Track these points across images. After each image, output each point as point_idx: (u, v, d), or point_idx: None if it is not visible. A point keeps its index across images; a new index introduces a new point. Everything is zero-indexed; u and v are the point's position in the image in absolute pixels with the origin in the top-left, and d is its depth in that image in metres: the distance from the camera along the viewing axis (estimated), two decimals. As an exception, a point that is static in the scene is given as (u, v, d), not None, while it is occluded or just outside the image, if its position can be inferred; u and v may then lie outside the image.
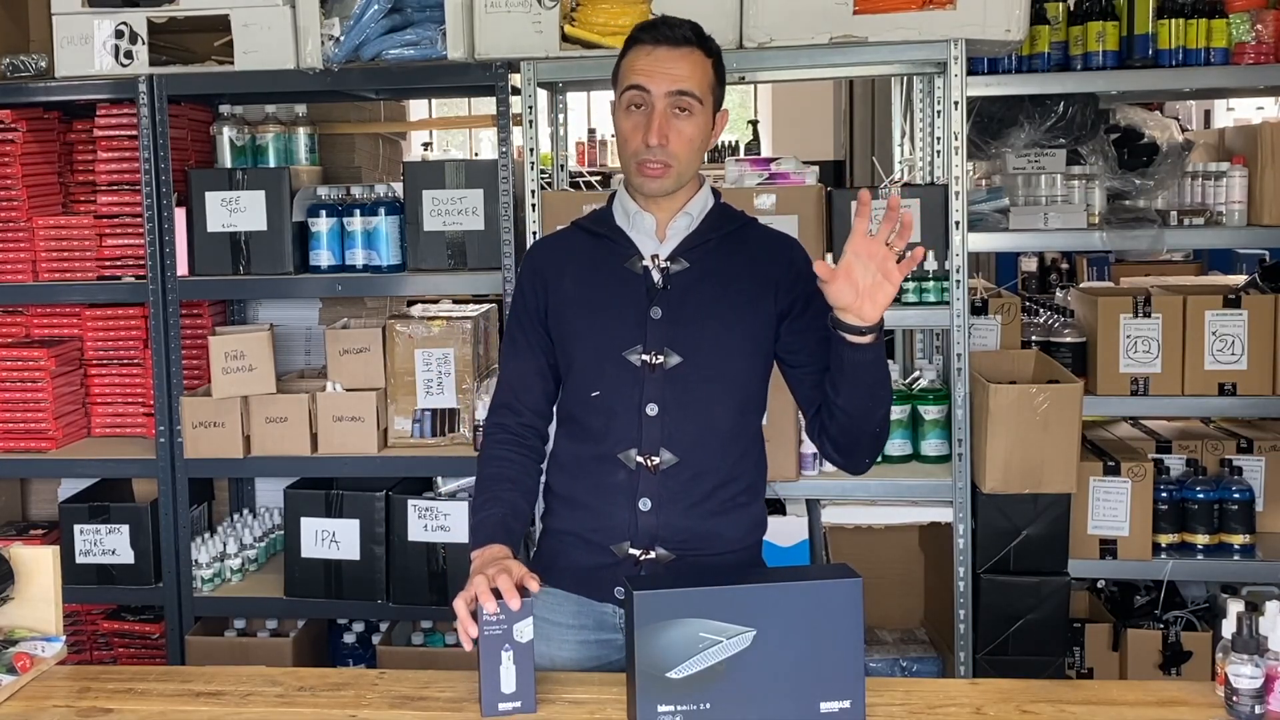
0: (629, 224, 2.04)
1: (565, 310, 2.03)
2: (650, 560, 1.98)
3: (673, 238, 2.03)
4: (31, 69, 3.32)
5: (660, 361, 1.97)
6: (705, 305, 1.99)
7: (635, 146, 1.95)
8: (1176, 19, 3.17)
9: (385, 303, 3.77)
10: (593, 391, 2.00)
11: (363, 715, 1.78)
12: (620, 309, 2.00)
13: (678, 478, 1.97)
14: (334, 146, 3.81)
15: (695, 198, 2.04)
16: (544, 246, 2.16)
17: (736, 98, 8.86)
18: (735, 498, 2.03)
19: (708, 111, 1.98)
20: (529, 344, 2.06)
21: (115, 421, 3.57)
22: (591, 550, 2.00)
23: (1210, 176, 3.35)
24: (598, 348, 2.00)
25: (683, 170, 1.97)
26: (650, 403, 1.97)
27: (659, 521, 1.97)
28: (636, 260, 2.02)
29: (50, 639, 1.98)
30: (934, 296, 3.05)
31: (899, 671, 3.26)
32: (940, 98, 3.25)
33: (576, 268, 2.05)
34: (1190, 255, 5.63)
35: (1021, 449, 2.99)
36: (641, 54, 1.96)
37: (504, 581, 1.72)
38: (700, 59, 1.96)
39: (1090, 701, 1.77)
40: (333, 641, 3.56)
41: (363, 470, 3.29)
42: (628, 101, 1.96)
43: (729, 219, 2.07)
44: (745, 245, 2.05)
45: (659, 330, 1.97)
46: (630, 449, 1.98)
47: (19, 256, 3.44)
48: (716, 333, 1.99)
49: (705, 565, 1.97)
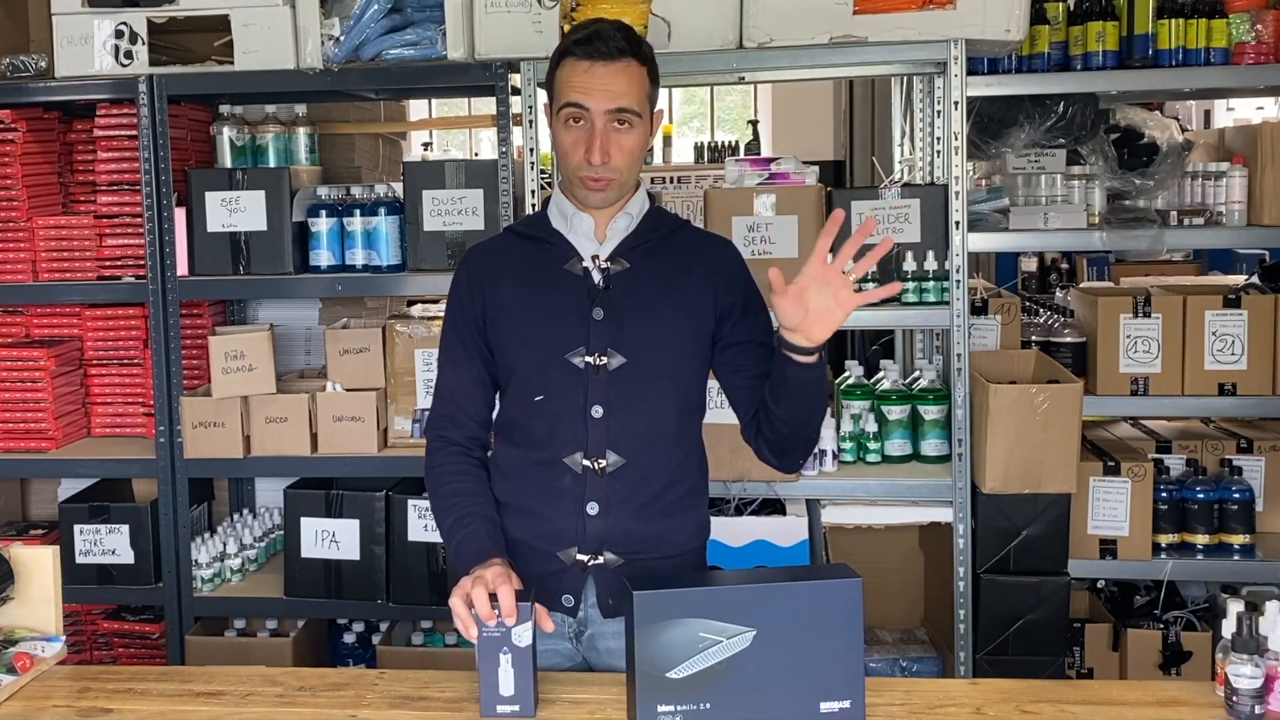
0: (567, 226, 2.03)
1: (504, 316, 2.01)
2: (598, 565, 1.97)
3: (612, 238, 2.02)
4: (31, 69, 3.32)
5: (604, 363, 1.96)
6: (647, 305, 1.98)
7: (577, 161, 1.95)
8: (1176, 19, 3.16)
9: (385, 303, 3.77)
10: (536, 396, 1.98)
11: (363, 715, 1.78)
12: (561, 311, 1.99)
13: (625, 480, 1.97)
14: (334, 146, 3.81)
15: (634, 198, 2.04)
16: (479, 253, 2.11)
17: (736, 97, 8.88)
18: (681, 499, 2.03)
19: (646, 120, 1.98)
20: (467, 353, 2.04)
21: (115, 421, 3.57)
22: (538, 558, 1.98)
23: (1210, 176, 3.35)
24: (540, 352, 1.98)
25: (625, 181, 1.98)
26: (595, 405, 1.96)
27: (607, 525, 1.97)
28: (576, 262, 2.01)
29: (50, 639, 1.98)
30: (934, 296, 3.05)
31: (899, 671, 3.26)
32: (940, 98, 3.25)
33: (514, 272, 2.03)
34: (1190, 255, 5.62)
35: (1021, 449, 2.99)
36: (578, 70, 1.94)
37: (505, 594, 1.71)
38: (635, 69, 1.95)
39: (1090, 701, 1.77)
40: (333, 641, 3.56)
41: (363, 470, 3.29)
42: (566, 116, 1.95)
43: (665, 220, 2.08)
44: (683, 246, 2.05)
45: (601, 331, 1.97)
46: (576, 453, 1.97)
47: (19, 256, 3.44)
48: (660, 332, 1.98)
49: (653, 570, 1.96)
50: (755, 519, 3.06)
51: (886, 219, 3.08)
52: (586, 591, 2.00)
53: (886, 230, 3.08)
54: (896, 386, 3.25)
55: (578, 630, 2.02)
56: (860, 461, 3.18)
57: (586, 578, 1.98)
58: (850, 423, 3.18)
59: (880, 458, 3.17)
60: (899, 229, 3.08)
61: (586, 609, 2.00)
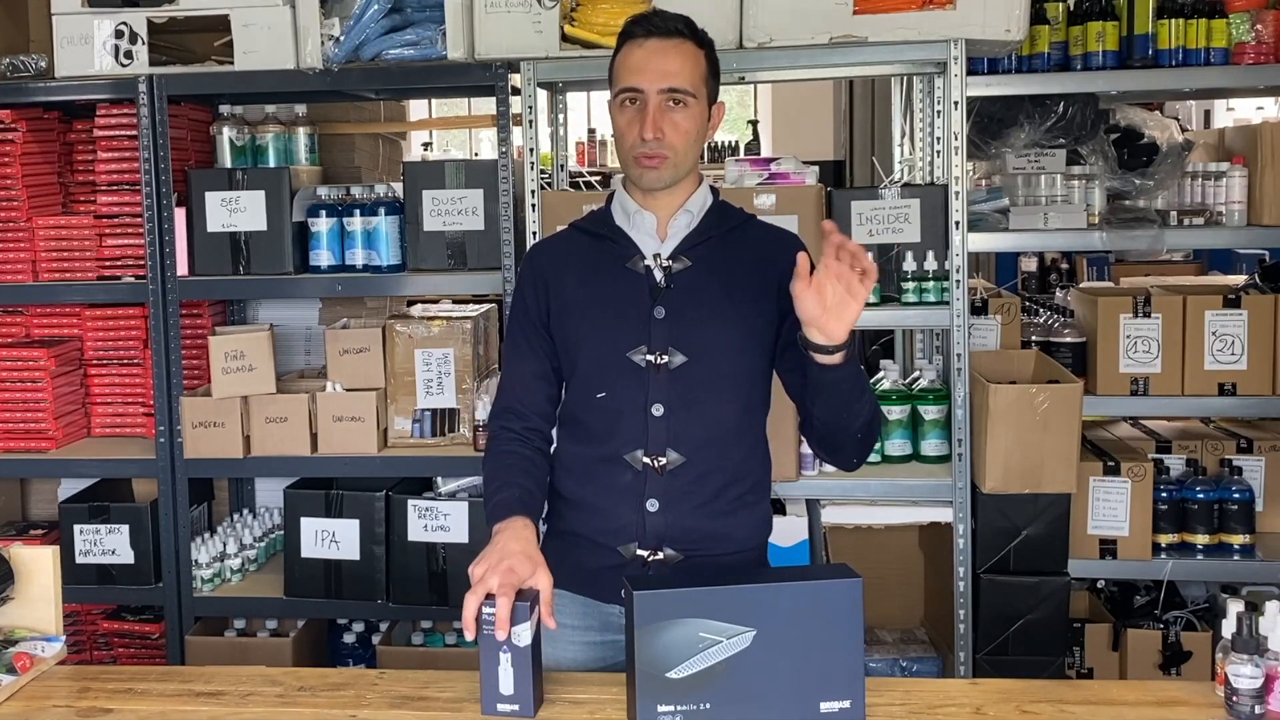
0: (629, 223, 2.04)
1: (568, 313, 2.02)
2: (658, 561, 1.98)
3: (674, 236, 2.02)
4: (31, 69, 3.32)
5: (665, 361, 1.96)
6: (709, 304, 1.98)
7: (632, 140, 1.96)
8: (1176, 19, 3.16)
9: (385, 303, 3.77)
10: (598, 393, 2.00)
11: (363, 715, 1.78)
12: (623, 310, 1.99)
13: (684, 478, 1.97)
14: (334, 146, 3.81)
15: (695, 195, 2.04)
16: (544, 249, 2.15)
17: (736, 97, 8.86)
18: (743, 497, 2.03)
19: (702, 104, 1.98)
20: (531, 348, 2.06)
21: (115, 421, 3.57)
22: (598, 552, 1.99)
23: (1210, 176, 3.35)
24: (602, 349, 1.99)
25: (680, 162, 1.97)
26: (656, 403, 1.96)
27: (666, 522, 1.97)
28: (638, 260, 2.01)
29: (50, 639, 1.98)
30: (934, 296, 3.05)
31: (899, 671, 3.26)
32: (940, 98, 3.25)
33: (578, 269, 2.04)
34: (1190, 255, 5.62)
35: (1021, 449, 2.99)
36: (634, 48, 1.96)
37: (502, 606, 1.70)
38: (692, 50, 1.97)
39: (1090, 701, 1.77)
40: (333, 641, 3.56)
41: (363, 470, 3.29)
42: (622, 99, 1.97)
43: (729, 216, 2.07)
44: (747, 242, 2.04)
45: (663, 330, 1.97)
46: (637, 450, 1.97)
47: (19, 256, 3.44)
48: (721, 331, 1.98)
49: (713, 566, 1.97)
50: (755, 519, 3.05)
51: (886, 219, 3.08)
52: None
53: (887, 230, 3.08)
54: (896, 386, 3.26)
55: None
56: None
57: (646, 573, 1.98)
58: (850, 423, 3.18)
59: (880, 458, 3.17)
60: (899, 229, 3.08)
61: None
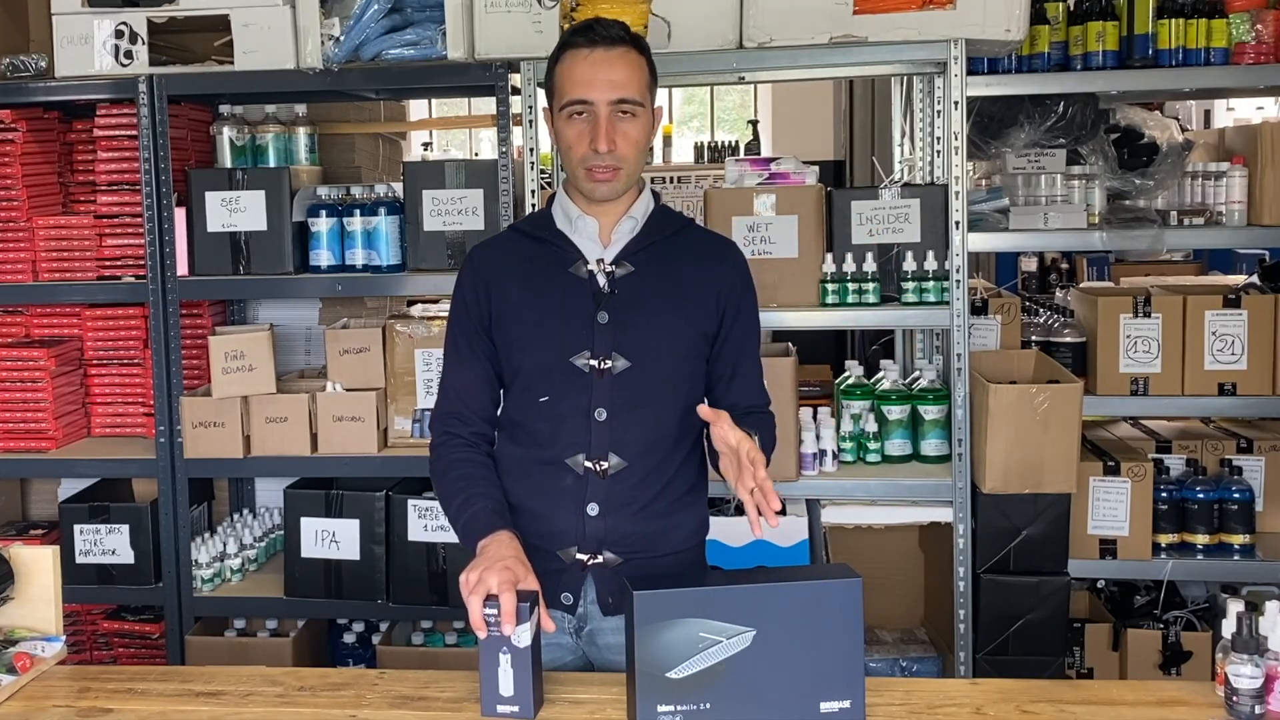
0: (571, 228, 2.04)
1: (510, 317, 2.02)
2: (598, 565, 1.98)
3: (617, 241, 2.03)
4: (31, 69, 3.32)
5: (608, 366, 1.97)
6: (651, 308, 1.99)
7: (583, 153, 1.95)
8: (1176, 19, 3.16)
9: (385, 303, 3.77)
10: (541, 397, 1.99)
11: (363, 715, 1.78)
12: (566, 314, 1.99)
13: (626, 481, 1.98)
14: (334, 146, 3.81)
15: (639, 200, 2.05)
16: (484, 252, 2.11)
17: (736, 97, 8.87)
18: (681, 498, 2.04)
19: (648, 111, 2.00)
20: (473, 350, 2.04)
21: (115, 421, 3.57)
22: (538, 556, 1.96)
23: (1210, 176, 3.35)
24: (545, 354, 1.99)
25: (631, 172, 1.99)
26: (599, 408, 1.97)
27: (607, 526, 1.98)
28: (581, 265, 2.02)
29: (50, 639, 1.98)
30: (934, 296, 3.05)
31: (899, 671, 3.26)
32: (940, 98, 3.25)
33: (520, 273, 2.04)
34: (1190, 255, 5.62)
35: (1021, 449, 2.99)
36: (578, 59, 1.95)
37: (507, 600, 1.70)
38: (635, 58, 1.98)
39: (1090, 701, 1.77)
40: (333, 641, 3.56)
41: (363, 470, 3.29)
42: (569, 112, 1.96)
43: (670, 221, 2.08)
44: (688, 247, 2.06)
45: (606, 335, 1.97)
46: (579, 454, 1.98)
47: (19, 256, 3.44)
48: (663, 336, 1.99)
49: (653, 568, 1.97)
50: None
51: (886, 219, 3.08)
52: (586, 589, 2.01)
53: (887, 230, 3.08)
54: (896, 386, 3.25)
55: (578, 626, 2.03)
56: (860, 461, 3.18)
57: (586, 576, 1.99)
58: (850, 423, 3.18)
59: (880, 458, 3.17)
60: (899, 229, 3.08)
61: (586, 606, 2.01)
